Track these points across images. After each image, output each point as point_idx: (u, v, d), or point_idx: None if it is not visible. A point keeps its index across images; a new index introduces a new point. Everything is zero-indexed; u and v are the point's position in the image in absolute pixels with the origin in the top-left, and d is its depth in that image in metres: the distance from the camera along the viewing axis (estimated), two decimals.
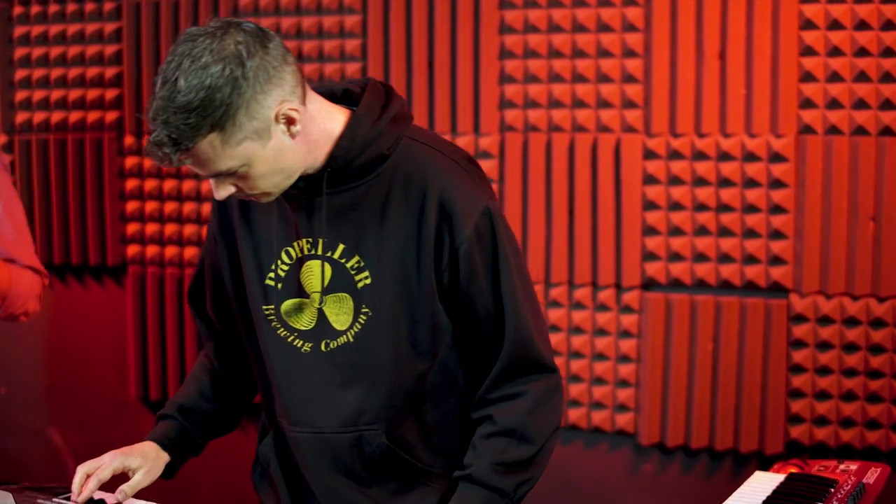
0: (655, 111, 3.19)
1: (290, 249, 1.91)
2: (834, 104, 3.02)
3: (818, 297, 3.08)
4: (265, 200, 1.83)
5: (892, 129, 2.97)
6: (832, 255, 3.06)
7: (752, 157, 3.10)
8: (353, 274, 1.87)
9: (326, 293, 1.88)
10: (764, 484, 2.04)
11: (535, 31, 3.30)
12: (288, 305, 1.92)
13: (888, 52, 2.96)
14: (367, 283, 1.86)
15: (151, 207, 3.84)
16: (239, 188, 1.79)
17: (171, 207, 3.81)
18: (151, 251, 3.85)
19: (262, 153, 1.74)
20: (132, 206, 3.87)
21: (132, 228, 3.88)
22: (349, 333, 1.89)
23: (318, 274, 1.88)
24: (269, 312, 1.94)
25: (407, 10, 3.44)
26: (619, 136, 3.24)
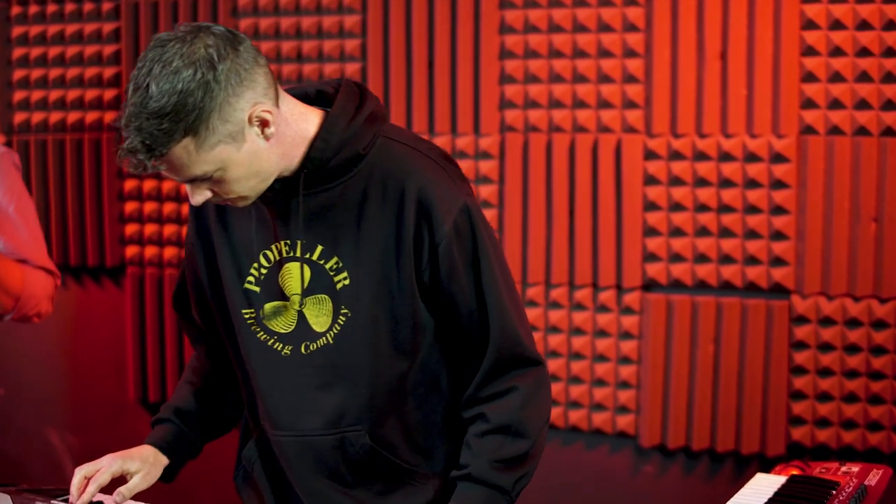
0: (656, 111, 3.19)
1: (268, 252, 1.90)
2: (836, 104, 3.01)
3: (820, 298, 3.08)
4: (241, 205, 1.82)
5: (893, 129, 2.96)
6: (834, 255, 3.05)
7: (753, 157, 3.10)
8: (331, 275, 1.86)
9: (306, 295, 1.88)
10: (765, 486, 2.04)
11: (535, 31, 3.29)
12: (268, 308, 1.92)
13: (890, 52, 2.95)
14: (345, 283, 1.86)
15: (150, 208, 3.83)
16: (215, 193, 1.78)
17: (169, 208, 3.80)
18: (150, 252, 3.84)
19: (236, 156, 1.73)
20: (131, 206, 3.86)
21: (131, 229, 3.87)
22: (329, 335, 1.88)
23: (297, 276, 1.88)
24: (248, 316, 1.93)
25: (407, 10, 3.43)
26: (619, 136, 3.23)
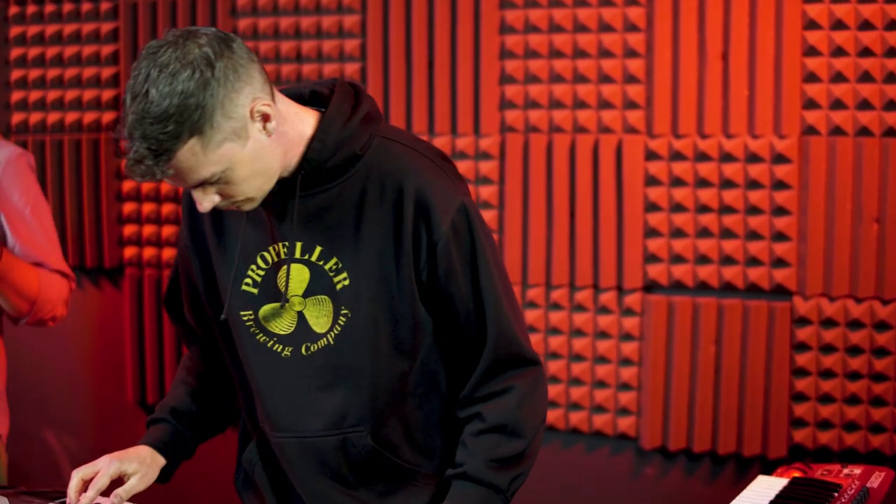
0: (657, 112, 3.18)
1: (265, 254, 1.90)
2: (837, 105, 3.00)
3: (821, 299, 3.07)
4: (247, 207, 1.81)
5: (895, 129, 2.96)
6: (836, 257, 3.04)
7: (754, 158, 3.09)
8: (331, 276, 1.86)
9: (306, 296, 1.88)
10: (767, 488, 2.03)
11: (535, 31, 3.28)
12: (266, 310, 1.91)
13: (892, 52, 2.94)
14: (345, 284, 1.86)
15: (149, 209, 3.82)
16: (222, 196, 1.77)
17: (168, 209, 3.79)
18: (148, 253, 3.84)
19: (242, 154, 1.73)
20: (129, 207, 3.85)
21: (129, 230, 3.86)
22: (329, 336, 1.88)
23: (296, 277, 1.87)
24: (247, 318, 1.93)
25: (407, 10, 3.43)
26: (620, 136, 3.23)
